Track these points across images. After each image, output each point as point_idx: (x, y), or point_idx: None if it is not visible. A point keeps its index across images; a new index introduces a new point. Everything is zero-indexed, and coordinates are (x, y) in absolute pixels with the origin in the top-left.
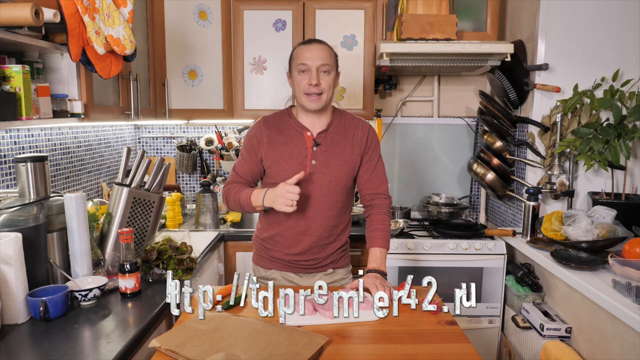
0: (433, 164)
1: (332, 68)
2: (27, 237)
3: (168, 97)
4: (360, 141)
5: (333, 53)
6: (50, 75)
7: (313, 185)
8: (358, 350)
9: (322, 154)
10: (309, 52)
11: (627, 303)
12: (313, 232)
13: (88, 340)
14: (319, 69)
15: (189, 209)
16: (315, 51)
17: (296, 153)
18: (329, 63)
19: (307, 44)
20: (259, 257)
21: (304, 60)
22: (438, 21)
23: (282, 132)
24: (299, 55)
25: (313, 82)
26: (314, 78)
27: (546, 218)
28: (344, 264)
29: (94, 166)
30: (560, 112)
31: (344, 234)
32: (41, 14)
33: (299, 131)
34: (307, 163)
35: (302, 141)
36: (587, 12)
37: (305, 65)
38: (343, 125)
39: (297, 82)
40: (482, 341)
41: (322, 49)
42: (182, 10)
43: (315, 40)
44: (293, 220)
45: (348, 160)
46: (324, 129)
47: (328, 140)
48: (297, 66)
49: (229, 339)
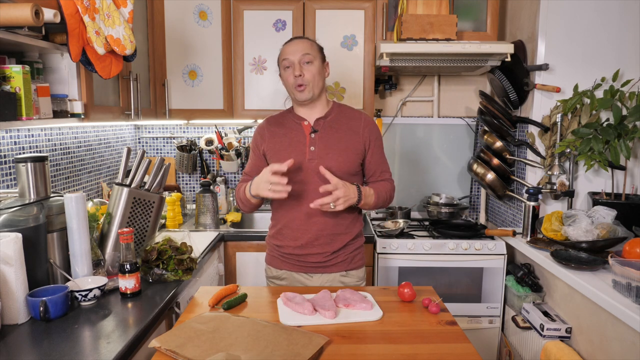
0: (433, 164)
1: (314, 57)
2: (27, 237)
3: (168, 97)
4: (361, 131)
5: (315, 44)
6: (50, 76)
7: (313, 171)
8: (358, 350)
9: (321, 140)
10: (289, 47)
11: (627, 303)
12: (317, 219)
13: (88, 341)
14: (301, 61)
15: (189, 209)
16: (294, 45)
17: (295, 142)
18: (310, 52)
19: (288, 42)
20: (271, 257)
21: (286, 56)
22: (438, 21)
23: (282, 125)
24: (282, 53)
25: (296, 74)
26: (297, 69)
27: (546, 218)
28: (358, 265)
29: (94, 166)
30: (560, 112)
31: (354, 227)
32: (41, 14)
33: (297, 122)
34: (305, 150)
35: (300, 130)
36: (587, 12)
37: (287, 61)
38: (343, 114)
39: (285, 79)
40: (482, 341)
41: (302, 42)
42: (182, 10)
43: (295, 37)
44: (296, 209)
45: (349, 147)
46: (322, 116)
47: (326, 127)
48: (282, 64)
49: (229, 339)
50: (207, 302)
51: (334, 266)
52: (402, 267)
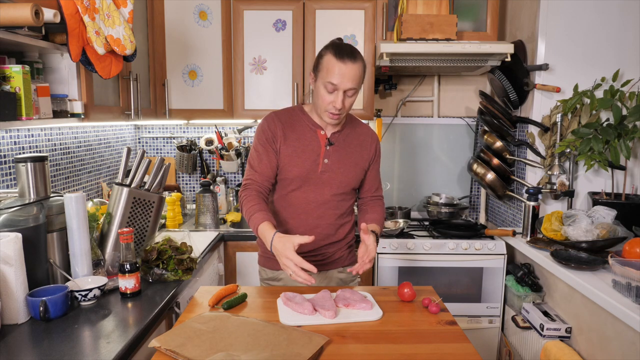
0: (433, 164)
1: (358, 90)
2: (27, 237)
3: (168, 97)
4: (369, 147)
5: (364, 71)
6: (50, 75)
7: (323, 184)
8: (358, 350)
9: (335, 154)
10: (341, 71)
11: (627, 303)
12: (320, 231)
13: (88, 340)
14: (347, 93)
15: (189, 209)
16: (349, 70)
17: (309, 150)
18: (356, 87)
19: (341, 59)
20: (265, 258)
21: (333, 79)
22: (438, 21)
23: (295, 128)
24: (330, 70)
25: (337, 107)
26: (339, 102)
27: (546, 218)
28: (353, 261)
29: (94, 166)
30: (561, 112)
31: (351, 233)
32: (41, 14)
33: (313, 129)
34: (319, 161)
35: (315, 139)
36: (587, 12)
37: (333, 86)
38: (353, 127)
39: (322, 97)
40: (482, 341)
41: (355, 69)
42: (182, 10)
43: (349, 56)
44: (299, 219)
45: (358, 163)
46: (338, 130)
47: (341, 141)
48: (325, 81)
49: (229, 339)
50: (207, 302)
51: (332, 263)
52: (402, 267)
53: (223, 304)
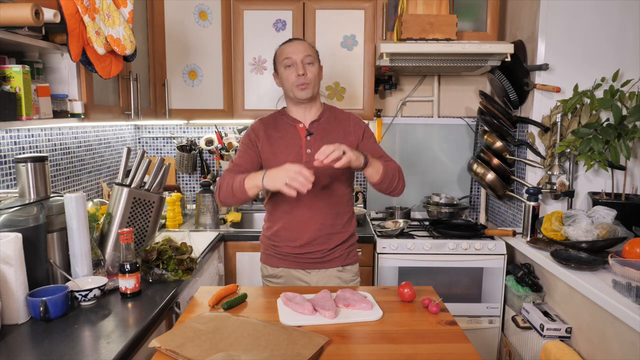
0: (433, 164)
1: (314, 60)
2: (27, 237)
3: (168, 97)
4: (354, 132)
5: (313, 47)
6: (50, 75)
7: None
8: (358, 350)
9: (316, 143)
10: (291, 47)
11: (627, 303)
12: (316, 221)
13: (88, 341)
14: (304, 61)
15: (189, 209)
16: (296, 45)
17: (292, 144)
18: (311, 54)
19: (288, 42)
20: (267, 256)
21: (288, 55)
22: (438, 21)
23: (278, 128)
24: (283, 52)
25: (300, 73)
26: (301, 69)
27: (546, 218)
28: (353, 260)
29: (94, 166)
30: (560, 112)
31: (350, 226)
32: (41, 14)
33: (292, 125)
34: (302, 152)
35: (295, 133)
36: (587, 12)
37: (290, 60)
38: (334, 116)
39: (286, 77)
40: (482, 341)
41: (302, 43)
42: (182, 10)
43: (294, 38)
44: (295, 211)
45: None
46: (316, 119)
47: (321, 130)
48: (282, 62)
49: (229, 339)
50: (207, 302)
51: (331, 261)
52: (402, 267)
53: (223, 304)
